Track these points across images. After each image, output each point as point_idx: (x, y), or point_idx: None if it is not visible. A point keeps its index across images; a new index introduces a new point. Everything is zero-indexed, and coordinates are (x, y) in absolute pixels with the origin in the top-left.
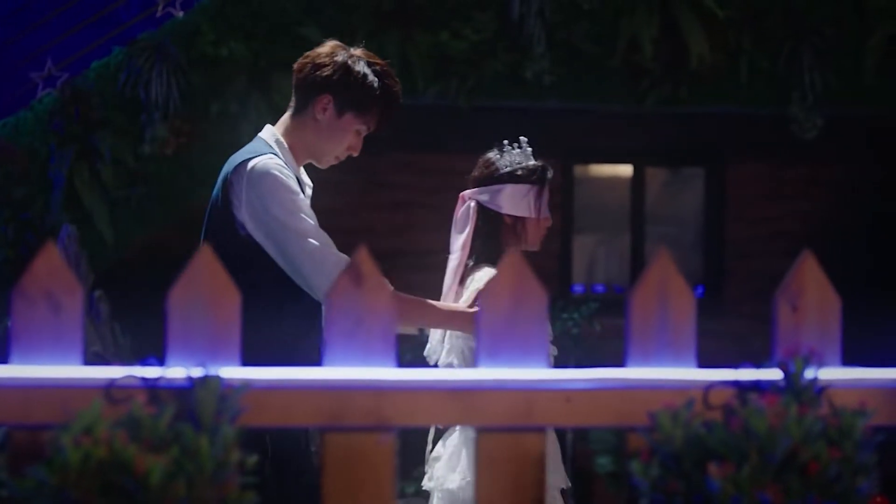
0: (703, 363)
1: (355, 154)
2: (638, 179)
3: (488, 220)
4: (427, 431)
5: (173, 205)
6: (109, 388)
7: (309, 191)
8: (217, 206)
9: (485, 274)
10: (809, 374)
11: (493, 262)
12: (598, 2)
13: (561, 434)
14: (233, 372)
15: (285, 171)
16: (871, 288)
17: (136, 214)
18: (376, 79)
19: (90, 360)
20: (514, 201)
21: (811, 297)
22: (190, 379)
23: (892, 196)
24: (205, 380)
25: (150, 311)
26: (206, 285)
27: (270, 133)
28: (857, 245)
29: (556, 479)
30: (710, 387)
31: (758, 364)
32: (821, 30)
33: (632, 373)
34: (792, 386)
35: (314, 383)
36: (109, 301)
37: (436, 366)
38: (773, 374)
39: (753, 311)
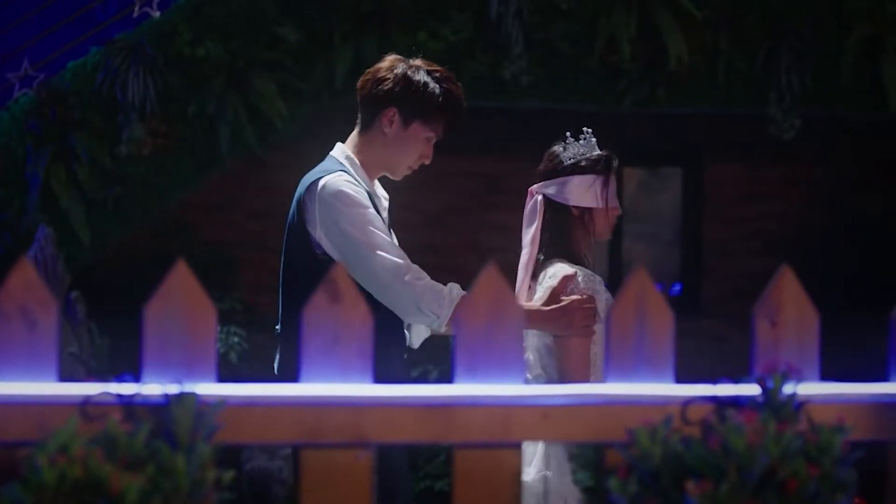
0: (681, 363)
1: (427, 161)
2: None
3: (556, 213)
4: None
5: (150, 205)
6: (85, 405)
7: (385, 203)
8: (293, 226)
9: (559, 270)
10: (788, 389)
11: (563, 256)
12: (576, 2)
13: None
14: (209, 388)
15: (356, 186)
16: (849, 288)
17: (113, 215)
18: (437, 85)
19: (67, 361)
20: (580, 192)
21: (789, 312)
22: (166, 396)
23: (868, 196)
24: (181, 397)
25: (127, 311)
26: (181, 300)
27: (341, 151)
28: (835, 245)
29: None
30: (688, 402)
31: (736, 379)
32: (798, 31)
33: (610, 388)
34: (770, 402)
35: (291, 399)
36: (86, 302)
37: None
38: (752, 389)
39: (731, 310)
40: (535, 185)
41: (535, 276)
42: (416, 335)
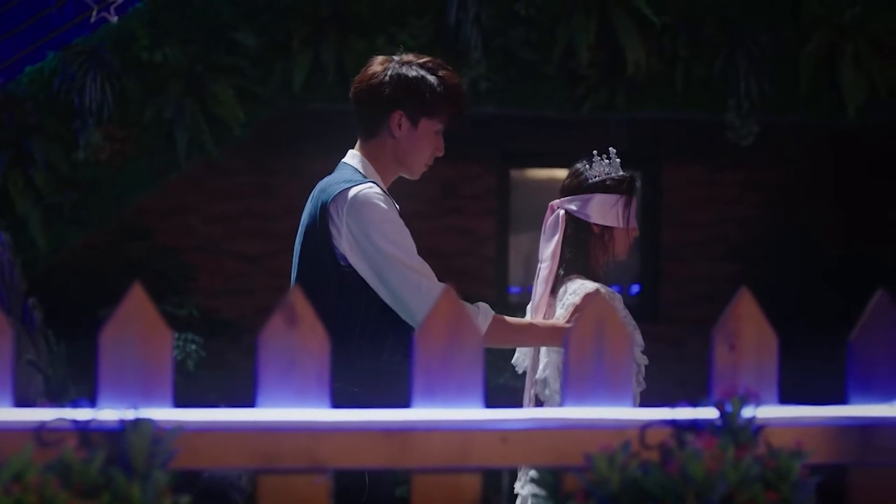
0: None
1: (441, 154)
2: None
3: (577, 229)
4: None
5: (107, 211)
6: (40, 431)
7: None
8: (313, 233)
9: (580, 287)
10: (747, 413)
11: (582, 272)
12: (535, 8)
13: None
14: (165, 413)
15: (387, 198)
16: (805, 291)
17: (70, 220)
18: (432, 76)
19: (24, 368)
20: (602, 211)
21: (748, 335)
22: (122, 422)
23: (826, 201)
24: (136, 423)
25: (84, 317)
26: (137, 324)
27: (358, 160)
28: (792, 250)
29: None
30: (646, 426)
31: (694, 402)
32: (757, 37)
33: (568, 412)
34: (729, 426)
35: (248, 425)
36: (43, 308)
37: (523, 374)
38: (710, 412)
39: (689, 315)
40: (557, 200)
41: (553, 292)
42: None
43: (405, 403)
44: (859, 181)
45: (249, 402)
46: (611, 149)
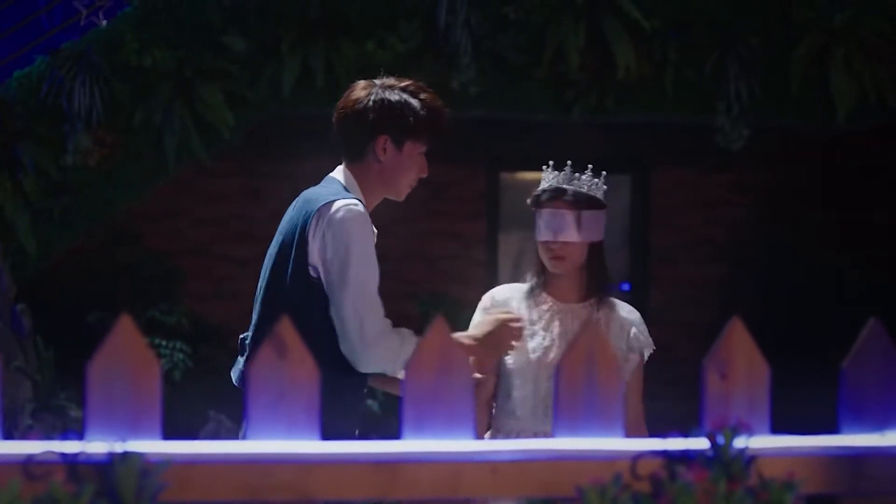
0: None
1: (425, 175)
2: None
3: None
4: None
5: (96, 215)
6: (28, 465)
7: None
8: (290, 241)
9: (491, 292)
10: (739, 443)
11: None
12: (525, 12)
13: None
14: (154, 445)
15: (368, 222)
16: (793, 293)
17: (59, 225)
18: (414, 100)
19: (12, 375)
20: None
21: (740, 364)
22: (110, 455)
23: (815, 204)
24: (125, 456)
25: (73, 322)
26: (126, 356)
27: (346, 177)
28: (781, 253)
29: None
30: (638, 457)
31: (686, 432)
32: (747, 41)
33: (559, 443)
34: (720, 458)
35: (237, 457)
36: (32, 313)
37: None
38: (702, 443)
39: (677, 318)
40: None
41: None
42: None
43: (357, 424)
44: (848, 184)
45: (236, 410)
46: (550, 161)
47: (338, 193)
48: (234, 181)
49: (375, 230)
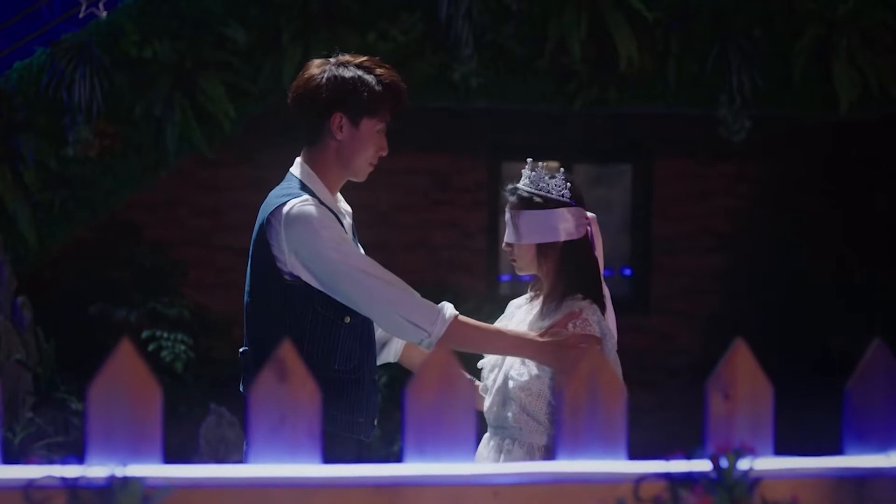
0: (628, 359)
1: (385, 153)
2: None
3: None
4: None
5: (97, 207)
6: (28, 489)
7: (349, 218)
8: (258, 251)
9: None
10: (743, 465)
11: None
12: (526, 3)
13: None
14: (155, 470)
15: (320, 208)
16: (795, 283)
17: (60, 217)
18: (369, 75)
19: (13, 368)
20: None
21: (743, 385)
22: (110, 479)
23: (816, 195)
24: (125, 481)
25: (74, 315)
26: (126, 380)
27: (300, 169)
28: (782, 243)
29: None
30: (641, 479)
31: (689, 455)
32: (749, 32)
33: (561, 466)
34: (724, 481)
35: (238, 481)
36: (32, 305)
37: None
38: (705, 465)
39: (678, 307)
40: None
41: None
42: (395, 349)
43: (370, 414)
44: (850, 175)
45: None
46: (528, 159)
47: (288, 194)
48: (235, 172)
49: (349, 208)
